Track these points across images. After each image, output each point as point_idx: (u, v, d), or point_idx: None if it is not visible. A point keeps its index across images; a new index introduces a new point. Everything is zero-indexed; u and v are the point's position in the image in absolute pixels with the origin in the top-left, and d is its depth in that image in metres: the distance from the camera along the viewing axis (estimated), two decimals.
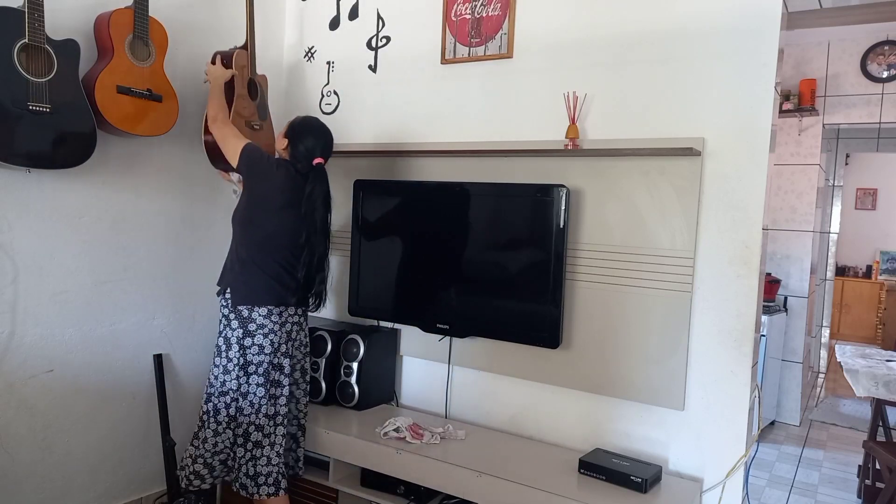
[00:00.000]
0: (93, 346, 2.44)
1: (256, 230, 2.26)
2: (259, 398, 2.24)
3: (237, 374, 2.24)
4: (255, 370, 2.24)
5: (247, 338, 2.24)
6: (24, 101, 2.01)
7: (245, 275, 2.26)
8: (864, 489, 3.47)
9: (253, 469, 2.23)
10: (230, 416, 2.27)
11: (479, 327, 2.50)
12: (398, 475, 2.32)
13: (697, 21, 2.18)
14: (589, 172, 2.36)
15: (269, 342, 2.25)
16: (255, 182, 2.28)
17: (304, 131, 2.36)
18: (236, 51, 2.59)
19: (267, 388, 2.24)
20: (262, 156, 2.30)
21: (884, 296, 7.96)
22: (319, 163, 2.33)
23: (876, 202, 8.41)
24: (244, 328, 2.24)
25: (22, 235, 2.20)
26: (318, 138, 2.35)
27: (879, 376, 3.15)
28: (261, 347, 2.24)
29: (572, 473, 2.18)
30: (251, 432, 2.24)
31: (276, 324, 2.26)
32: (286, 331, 2.30)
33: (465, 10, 2.64)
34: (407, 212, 2.68)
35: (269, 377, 2.25)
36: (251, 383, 2.24)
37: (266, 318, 2.24)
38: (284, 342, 2.30)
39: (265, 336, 2.24)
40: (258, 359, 2.24)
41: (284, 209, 2.27)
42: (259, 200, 2.28)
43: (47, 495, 2.33)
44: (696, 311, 2.20)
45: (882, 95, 4.52)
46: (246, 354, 2.24)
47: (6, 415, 2.20)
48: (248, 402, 2.24)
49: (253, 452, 2.24)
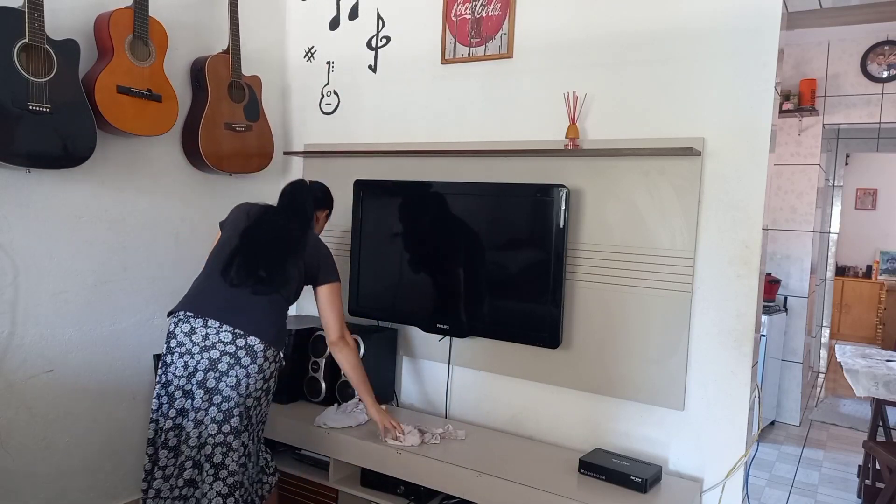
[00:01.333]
0: (93, 346, 2.44)
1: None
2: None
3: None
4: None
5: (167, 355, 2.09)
6: (24, 101, 2.01)
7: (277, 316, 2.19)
8: (864, 489, 3.47)
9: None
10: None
11: (479, 327, 2.50)
12: (398, 475, 2.32)
13: (697, 21, 2.18)
14: (589, 172, 2.36)
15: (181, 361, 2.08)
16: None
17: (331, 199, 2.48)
18: (209, 58, 2.62)
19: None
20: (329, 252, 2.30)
21: (884, 296, 7.96)
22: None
23: (876, 202, 8.41)
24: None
25: (22, 235, 2.20)
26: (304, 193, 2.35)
27: (879, 376, 3.14)
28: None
29: (572, 473, 2.18)
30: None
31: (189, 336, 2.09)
32: (209, 356, 2.05)
33: (465, 10, 2.64)
34: (407, 212, 2.68)
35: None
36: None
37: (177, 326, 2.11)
38: (203, 370, 2.08)
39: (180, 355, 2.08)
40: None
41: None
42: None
43: (47, 495, 2.33)
44: (696, 311, 2.20)
45: (882, 95, 4.52)
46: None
47: (6, 415, 2.20)
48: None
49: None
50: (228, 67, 2.69)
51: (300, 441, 2.52)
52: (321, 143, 3.07)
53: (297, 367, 2.73)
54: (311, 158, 3.10)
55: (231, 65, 2.69)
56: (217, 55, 2.66)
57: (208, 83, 2.61)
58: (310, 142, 3.11)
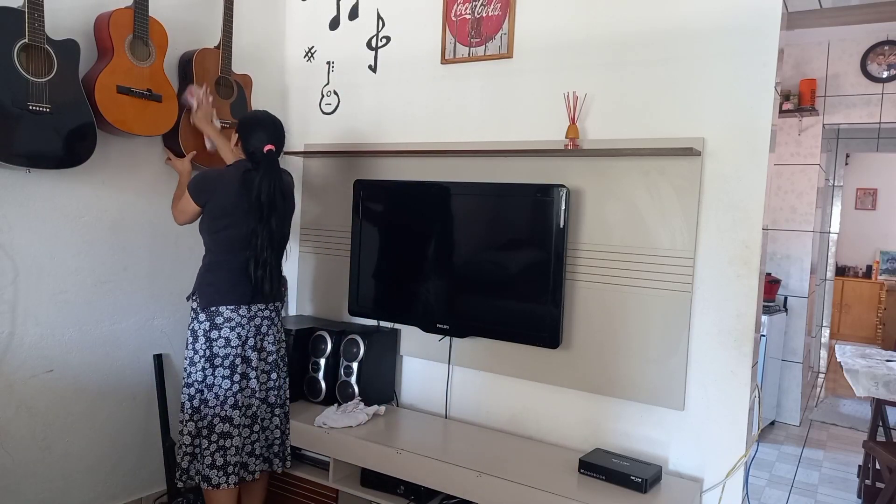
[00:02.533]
0: (93, 346, 2.44)
1: (222, 235, 2.28)
2: (225, 390, 2.23)
3: (203, 366, 2.24)
4: (220, 362, 2.24)
5: (213, 330, 2.25)
6: (24, 101, 2.01)
7: (211, 276, 2.28)
8: (864, 489, 3.47)
9: (222, 459, 2.23)
10: (193, 407, 2.26)
11: (479, 327, 2.50)
12: (398, 475, 2.32)
13: (697, 21, 2.18)
14: (589, 172, 2.36)
15: (235, 335, 2.25)
16: (210, 200, 2.27)
17: (252, 124, 2.35)
18: (197, 51, 2.59)
19: (233, 381, 2.25)
20: (205, 177, 2.32)
21: (884, 296, 7.96)
22: (270, 150, 2.30)
23: (876, 202, 8.41)
24: (211, 321, 2.25)
25: (22, 235, 2.20)
26: (266, 128, 2.33)
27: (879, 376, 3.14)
28: (227, 340, 2.25)
29: (572, 473, 2.18)
30: (215, 423, 2.23)
31: (243, 317, 2.27)
32: (255, 325, 2.31)
33: (465, 10, 2.64)
34: (407, 212, 2.68)
35: (236, 370, 2.25)
36: (217, 375, 2.24)
37: (234, 312, 2.26)
38: (252, 336, 2.30)
39: (232, 329, 2.25)
40: (224, 351, 2.24)
41: (247, 212, 2.25)
42: (219, 213, 2.27)
43: (47, 495, 2.33)
44: (696, 311, 2.20)
45: (882, 95, 4.52)
46: (212, 347, 2.24)
47: (6, 415, 2.20)
48: (214, 394, 2.24)
49: (221, 443, 2.23)
50: (217, 62, 2.67)
51: (300, 441, 2.52)
52: (321, 143, 3.07)
53: (297, 367, 2.73)
54: (310, 158, 3.10)
55: (220, 60, 2.67)
56: (206, 49, 2.62)
57: (194, 76, 2.57)
58: (310, 142, 3.11)
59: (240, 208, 2.25)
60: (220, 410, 2.23)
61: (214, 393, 2.24)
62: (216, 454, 2.22)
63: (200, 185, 2.29)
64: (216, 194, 2.26)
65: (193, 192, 2.28)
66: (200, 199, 2.28)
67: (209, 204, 2.28)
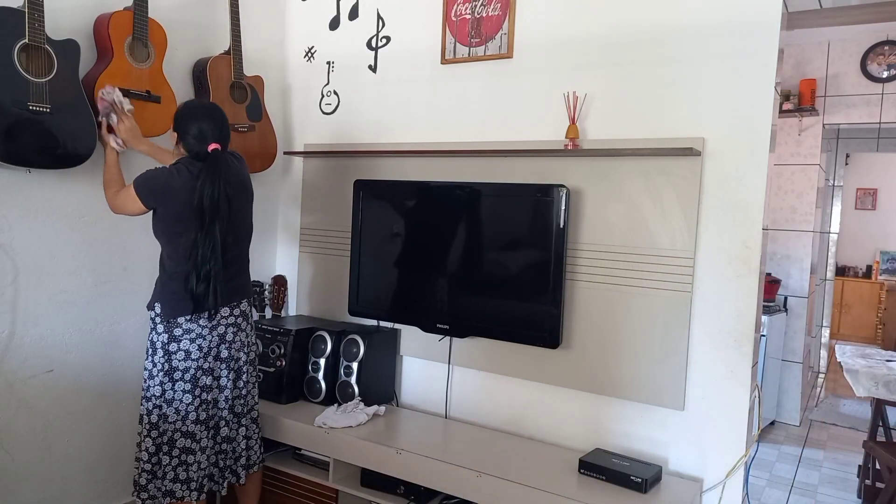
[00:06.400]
0: (93, 346, 2.44)
1: (177, 241, 2.12)
2: (186, 405, 2.12)
3: (161, 380, 2.12)
4: (181, 376, 2.12)
5: (172, 343, 2.12)
6: (24, 101, 2.01)
7: (172, 286, 2.13)
8: (864, 489, 3.47)
9: (185, 474, 2.14)
10: (151, 422, 2.13)
11: (479, 327, 2.50)
12: (398, 475, 2.32)
13: (697, 21, 2.18)
14: (589, 172, 2.36)
15: (196, 347, 2.12)
16: (162, 204, 2.10)
17: (188, 117, 2.13)
18: (210, 58, 2.62)
19: (195, 395, 2.13)
20: (155, 176, 2.10)
21: (884, 296, 7.95)
22: (216, 149, 2.11)
23: (876, 202, 8.41)
24: (169, 332, 2.11)
25: (22, 235, 2.20)
26: (206, 121, 2.12)
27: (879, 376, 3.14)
28: (187, 353, 2.12)
29: (572, 473, 2.18)
30: (176, 439, 2.13)
31: (204, 328, 2.13)
32: (218, 334, 2.17)
33: (465, 10, 2.64)
34: (407, 212, 2.68)
35: (198, 383, 2.13)
36: (177, 389, 2.12)
37: (193, 323, 2.12)
38: (216, 345, 2.17)
39: (192, 341, 2.12)
40: (184, 364, 2.12)
41: (192, 213, 2.08)
42: (173, 218, 2.11)
43: (47, 495, 2.33)
44: (696, 311, 2.20)
45: (882, 95, 4.52)
46: (171, 360, 2.12)
47: (6, 415, 2.20)
48: (174, 409, 2.12)
49: (182, 458, 2.14)
50: (230, 68, 2.68)
51: (300, 441, 2.52)
52: (321, 143, 3.07)
53: (297, 367, 2.73)
54: (310, 158, 3.10)
55: (232, 65, 2.69)
56: (218, 56, 2.66)
57: (210, 84, 2.60)
58: (310, 142, 3.11)
59: (193, 213, 2.08)
60: (182, 426, 2.12)
61: (175, 408, 2.11)
62: (178, 468, 2.13)
63: (150, 185, 2.08)
64: (168, 198, 2.08)
65: (143, 194, 2.08)
66: (150, 202, 2.09)
67: (161, 209, 2.10)
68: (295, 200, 3.15)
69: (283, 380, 2.68)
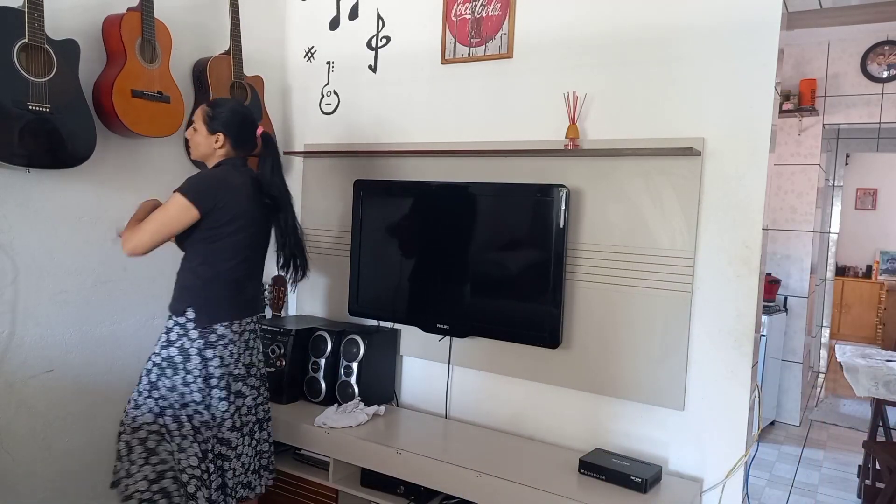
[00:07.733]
0: (93, 346, 2.44)
1: (225, 242, 2.10)
2: (222, 412, 2.11)
3: (200, 386, 2.08)
4: (216, 383, 2.10)
5: (208, 349, 2.09)
6: (24, 101, 2.01)
7: (211, 291, 2.11)
8: (864, 489, 3.47)
9: (219, 480, 2.12)
10: (195, 427, 2.10)
11: (479, 327, 2.50)
12: (398, 475, 2.32)
13: (697, 21, 2.18)
14: (589, 172, 2.36)
15: (228, 353, 2.12)
16: (219, 200, 2.06)
17: (234, 116, 2.15)
18: (210, 59, 2.62)
19: (230, 402, 2.13)
20: (205, 176, 2.11)
21: (884, 296, 7.96)
22: (264, 132, 2.22)
23: (876, 202, 8.41)
24: (205, 339, 2.08)
25: (22, 235, 2.20)
26: (246, 111, 2.24)
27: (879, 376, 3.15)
28: (222, 359, 2.11)
29: (572, 473, 2.18)
30: (213, 445, 2.12)
31: (235, 333, 2.14)
32: (244, 340, 2.19)
33: (465, 10, 2.64)
34: (407, 212, 2.68)
35: (230, 389, 2.13)
36: (213, 396, 2.10)
37: (227, 328, 2.12)
38: (243, 351, 2.18)
39: (225, 347, 2.11)
40: (220, 371, 2.10)
41: (248, 212, 2.12)
42: (228, 216, 2.08)
43: (47, 495, 2.33)
44: (696, 311, 2.20)
45: (882, 95, 4.53)
46: (208, 366, 2.09)
47: (6, 415, 2.20)
48: (211, 416, 2.11)
49: (218, 464, 2.13)
50: (230, 68, 2.69)
51: (300, 441, 2.52)
52: (321, 143, 3.07)
53: (298, 367, 2.73)
54: (310, 158, 3.10)
55: (232, 65, 2.69)
56: (218, 56, 2.66)
57: (210, 84, 2.61)
58: (309, 142, 3.11)
59: (249, 213, 2.12)
60: (218, 432, 2.11)
61: (212, 414, 2.10)
62: (213, 475, 2.11)
63: (206, 183, 2.06)
64: (228, 195, 2.06)
65: (195, 196, 2.00)
66: (206, 203, 2.02)
67: (217, 210, 2.05)
68: (295, 200, 3.14)
69: (283, 380, 2.68)
